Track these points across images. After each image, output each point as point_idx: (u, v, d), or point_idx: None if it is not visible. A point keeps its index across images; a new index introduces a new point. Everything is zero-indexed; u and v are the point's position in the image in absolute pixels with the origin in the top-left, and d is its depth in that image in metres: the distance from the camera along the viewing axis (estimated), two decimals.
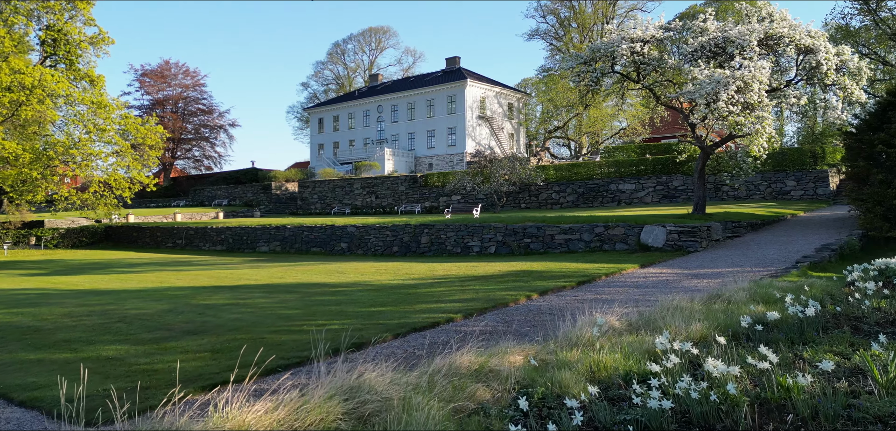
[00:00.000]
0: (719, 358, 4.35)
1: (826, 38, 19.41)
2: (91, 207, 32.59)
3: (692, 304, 7.45)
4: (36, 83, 27.93)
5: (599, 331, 5.46)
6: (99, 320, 11.67)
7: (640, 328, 6.10)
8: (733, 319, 6.29)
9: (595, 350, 4.94)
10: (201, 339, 9.45)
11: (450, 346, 8.55)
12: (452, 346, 4.97)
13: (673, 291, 11.99)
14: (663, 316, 6.42)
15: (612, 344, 5.18)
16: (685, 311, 6.89)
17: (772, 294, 8.27)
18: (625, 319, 6.49)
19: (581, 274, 14.52)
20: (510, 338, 5.37)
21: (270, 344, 8.89)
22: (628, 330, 6.17)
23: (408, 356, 7.83)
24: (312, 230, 28.54)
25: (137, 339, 9.74)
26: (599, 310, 10.46)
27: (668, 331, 5.14)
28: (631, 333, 5.89)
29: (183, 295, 14.37)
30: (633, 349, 4.97)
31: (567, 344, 5.24)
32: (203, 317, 11.37)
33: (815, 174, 32.38)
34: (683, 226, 18.44)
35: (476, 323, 9.66)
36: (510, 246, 21.51)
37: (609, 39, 21.02)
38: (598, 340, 5.16)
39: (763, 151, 18.11)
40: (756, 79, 17.40)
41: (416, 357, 7.73)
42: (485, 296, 11.90)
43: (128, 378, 7.59)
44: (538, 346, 5.16)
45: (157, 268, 22.12)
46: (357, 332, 9.18)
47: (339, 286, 15.03)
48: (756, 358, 4.14)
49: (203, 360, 8.17)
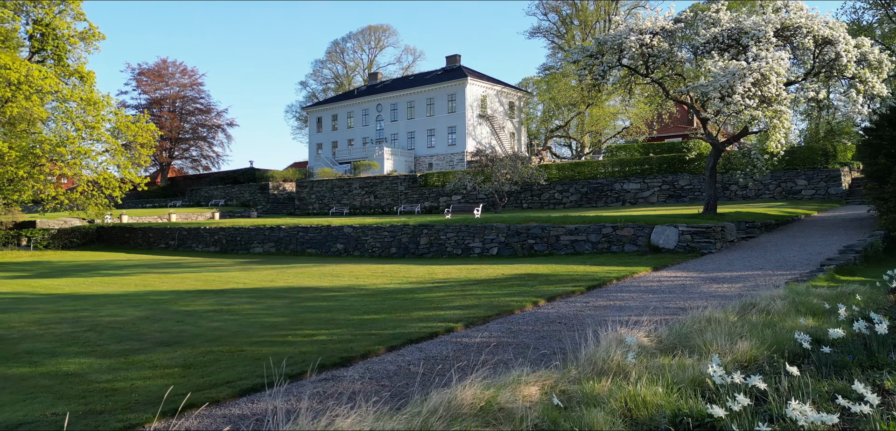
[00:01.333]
0: (793, 394, 3.42)
1: (845, 29, 18.46)
2: (81, 207, 31.68)
3: (726, 315, 6.52)
4: (22, 79, 27.02)
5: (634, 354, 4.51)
6: (68, 329, 10.75)
7: (676, 347, 5.15)
8: (782, 336, 5.35)
9: (629, 379, 4.00)
10: (174, 352, 8.52)
11: (448, 361, 7.66)
12: (453, 376, 4.02)
13: (692, 297, 11.07)
14: (700, 332, 5.48)
15: (648, 371, 4.24)
16: (721, 324, 5.95)
17: (813, 303, 7.34)
18: (654, 335, 5.55)
19: (590, 277, 13.58)
20: (522, 363, 4.40)
21: (249, 357, 7.96)
22: (660, 349, 5.23)
23: (401, 374, 6.89)
24: (308, 231, 27.61)
25: (104, 351, 8.82)
26: (615, 318, 9.49)
27: (716, 355, 4.19)
28: (665, 354, 4.94)
29: (164, 301, 13.43)
30: (676, 378, 4.03)
31: (592, 369, 4.30)
32: (181, 326, 10.44)
33: (827, 173, 31.42)
34: (696, 227, 17.50)
35: (478, 334, 8.73)
36: (513, 247, 20.56)
37: (617, 31, 20.08)
38: (631, 365, 4.22)
39: (781, 147, 17.17)
40: (774, 71, 16.46)
41: (410, 376, 6.79)
42: (487, 302, 10.96)
43: (83, 399, 6.68)
44: (556, 373, 4.21)
45: (144, 271, 21.19)
46: (346, 344, 8.25)
47: (332, 290, 14.09)
48: (851, 399, 3.20)
49: (170, 377, 7.23)
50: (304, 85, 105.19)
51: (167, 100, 74.96)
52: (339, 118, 72.76)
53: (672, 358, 4.77)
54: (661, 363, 4.60)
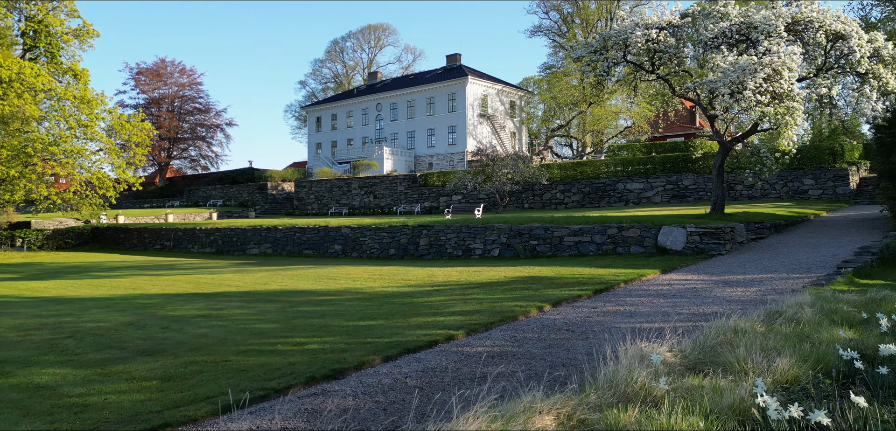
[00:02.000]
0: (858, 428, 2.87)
1: (858, 24, 17.88)
2: (74, 208, 31.13)
3: (753, 325, 5.95)
4: (14, 77, 26.47)
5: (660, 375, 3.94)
6: (48, 336, 10.20)
7: (704, 363, 4.59)
8: (823, 351, 4.78)
9: (659, 406, 3.43)
10: (155, 362, 7.97)
11: (449, 374, 7.09)
12: (454, 406, 3.46)
13: (706, 301, 10.51)
14: (729, 345, 4.91)
15: (679, 396, 3.67)
16: (748, 335, 5.38)
17: (844, 311, 6.79)
18: (677, 349, 4.97)
19: (597, 280, 13.00)
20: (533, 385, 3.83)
21: (233, 368, 7.40)
22: (686, 366, 4.66)
23: (397, 388, 6.32)
24: (305, 231, 27.04)
25: (82, 361, 8.26)
26: (625, 325, 8.94)
27: (759, 378, 3.62)
28: (694, 372, 4.38)
29: (152, 305, 12.87)
30: (713, 404, 3.46)
31: (614, 394, 3.73)
32: (166, 333, 9.88)
33: (835, 172, 30.82)
34: (705, 228, 16.92)
35: (481, 343, 8.16)
36: (515, 248, 19.99)
37: (622, 26, 19.49)
38: (660, 391, 3.65)
39: (793, 145, 16.59)
40: (786, 66, 15.88)
41: (406, 391, 6.22)
42: (490, 308, 10.39)
43: (49, 416, 6.13)
44: (574, 398, 3.64)
45: (136, 273, 20.62)
46: (338, 354, 7.69)
47: (327, 294, 13.52)
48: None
49: (147, 392, 6.68)
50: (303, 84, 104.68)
51: (166, 100, 74.38)
52: (339, 118, 72.18)
53: (702, 377, 4.20)
54: (690, 384, 4.02)
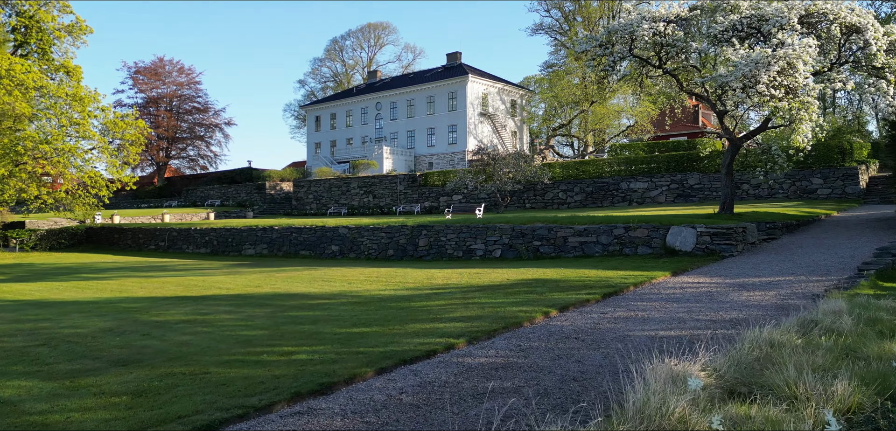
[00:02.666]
0: None
1: (873, 16, 17.22)
2: (67, 207, 30.50)
3: (790, 337, 5.29)
4: (3, 73, 25.84)
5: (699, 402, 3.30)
6: (21, 343, 9.56)
7: (747, 385, 3.93)
8: (880, 369, 4.14)
9: None
10: (129, 373, 7.33)
11: (449, 388, 6.43)
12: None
13: (723, 307, 9.85)
14: (772, 363, 4.27)
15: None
16: (787, 350, 4.74)
17: (886, 320, 6.14)
18: (711, 367, 4.32)
19: (604, 283, 12.35)
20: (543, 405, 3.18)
21: (213, 382, 6.75)
22: (723, 388, 4.01)
23: (390, 406, 5.67)
24: (302, 232, 26.39)
25: (51, 372, 7.63)
26: (639, 332, 8.29)
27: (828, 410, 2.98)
28: (735, 399, 3.73)
29: (135, 309, 12.23)
30: None
31: (646, 427, 3.08)
32: (146, 340, 9.23)
33: (844, 171, 30.13)
34: (715, 228, 16.26)
35: (483, 352, 7.52)
36: (517, 249, 19.33)
37: (628, 19, 18.83)
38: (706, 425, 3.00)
39: (807, 142, 15.93)
40: (801, 60, 15.22)
41: (401, 409, 5.57)
42: (492, 313, 9.74)
43: None
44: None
45: (126, 274, 19.97)
46: (328, 366, 7.04)
47: (321, 298, 12.87)
48: None
49: (115, 409, 6.04)
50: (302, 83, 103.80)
51: (164, 99, 73.69)
52: (338, 117, 71.50)
53: (749, 404, 3.54)
54: (736, 414, 3.38)
